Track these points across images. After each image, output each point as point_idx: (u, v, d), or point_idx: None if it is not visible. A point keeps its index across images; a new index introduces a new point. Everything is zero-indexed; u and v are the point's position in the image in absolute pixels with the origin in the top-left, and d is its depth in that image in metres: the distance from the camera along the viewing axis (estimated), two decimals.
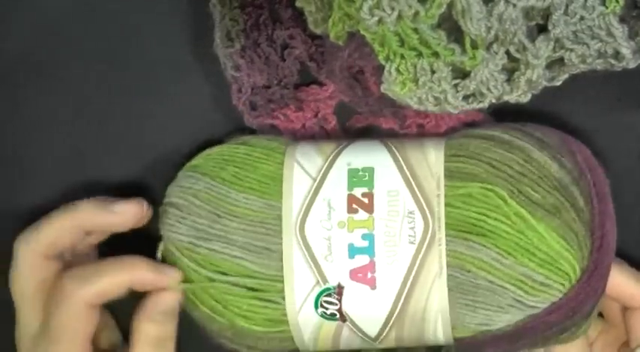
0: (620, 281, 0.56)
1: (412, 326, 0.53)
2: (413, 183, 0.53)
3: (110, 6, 0.59)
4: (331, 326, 0.54)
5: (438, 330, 0.53)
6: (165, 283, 0.54)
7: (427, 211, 0.53)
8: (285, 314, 0.53)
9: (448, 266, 0.52)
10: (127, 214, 0.55)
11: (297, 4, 0.54)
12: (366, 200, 0.53)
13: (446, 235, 0.52)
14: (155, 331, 0.54)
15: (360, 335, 0.54)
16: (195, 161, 0.57)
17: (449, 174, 0.53)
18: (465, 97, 0.52)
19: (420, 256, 0.52)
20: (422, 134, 0.58)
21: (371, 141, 0.56)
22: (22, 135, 0.60)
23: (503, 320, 0.52)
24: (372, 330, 0.54)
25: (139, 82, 0.59)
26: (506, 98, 0.52)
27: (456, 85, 0.52)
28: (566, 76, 0.51)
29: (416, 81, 0.51)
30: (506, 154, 0.53)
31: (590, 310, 0.54)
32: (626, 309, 0.57)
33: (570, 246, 0.52)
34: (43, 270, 0.55)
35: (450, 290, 0.52)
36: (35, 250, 0.55)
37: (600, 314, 0.59)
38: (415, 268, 0.53)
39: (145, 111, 0.60)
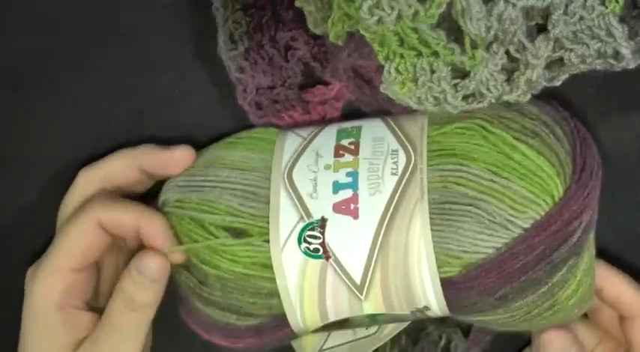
0: (620, 289, 0.56)
1: (396, 264, 0.53)
2: (398, 130, 0.56)
3: (116, 8, 0.59)
4: (316, 266, 0.54)
5: (424, 268, 0.53)
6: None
7: (410, 148, 0.54)
8: (269, 257, 0.54)
9: (429, 189, 0.53)
10: (179, 153, 0.58)
11: (297, 4, 0.54)
12: (352, 147, 0.55)
13: (427, 164, 0.54)
14: (137, 295, 0.55)
15: (345, 279, 0.54)
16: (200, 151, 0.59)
17: (432, 121, 0.55)
18: (465, 97, 0.52)
19: (402, 184, 0.54)
20: None
21: None
22: (21, 135, 0.60)
23: (487, 245, 0.52)
24: (357, 271, 0.54)
25: (143, 83, 0.60)
26: (505, 98, 0.52)
27: (455, 85, 0.52)
28: (566, 76, 0.51)
29: (415, 81, 0.52)
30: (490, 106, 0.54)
31: (578, 245, 0.53)
32: (624, 319, 0.57)
33: (551, 163, 0.53)
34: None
35: (431, 213, 0.53)
36: (92, 178, 0.58)
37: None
38: (397, 195, 0.54)
39: (149, 111, 0.60)
